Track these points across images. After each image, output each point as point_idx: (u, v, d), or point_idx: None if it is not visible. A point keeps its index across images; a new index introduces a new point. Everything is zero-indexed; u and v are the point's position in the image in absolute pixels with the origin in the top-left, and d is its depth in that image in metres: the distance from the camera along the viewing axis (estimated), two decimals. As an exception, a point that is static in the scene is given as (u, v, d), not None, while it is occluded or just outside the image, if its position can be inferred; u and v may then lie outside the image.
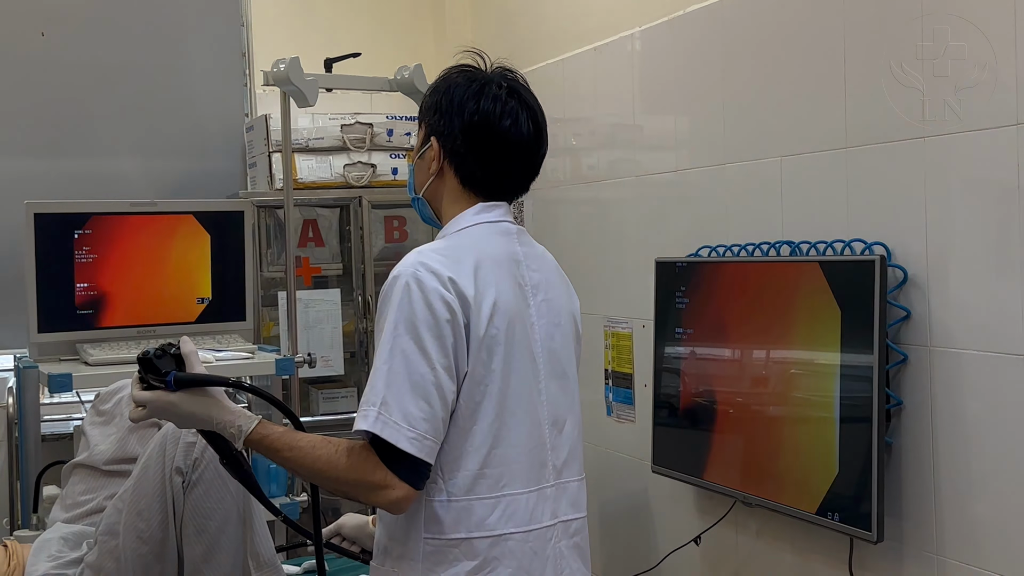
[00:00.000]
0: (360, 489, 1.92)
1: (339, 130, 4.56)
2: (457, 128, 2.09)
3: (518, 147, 2.11)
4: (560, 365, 2.13)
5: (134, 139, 4.57)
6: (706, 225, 3.35)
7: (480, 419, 1.98)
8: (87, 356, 3.14)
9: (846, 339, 2.69)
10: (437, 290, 1.94)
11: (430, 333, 1.92)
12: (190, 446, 2.32)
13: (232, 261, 3.46)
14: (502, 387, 2.00)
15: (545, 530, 2.05)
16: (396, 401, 1.89)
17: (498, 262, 2.06)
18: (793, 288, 2.86)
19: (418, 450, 1.89)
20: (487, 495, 1.99)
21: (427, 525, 1.98)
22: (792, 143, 2.99)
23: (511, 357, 2.01)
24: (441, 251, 2.01)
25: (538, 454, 2.06)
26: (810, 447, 2.80)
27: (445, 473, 1.98)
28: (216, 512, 2.32)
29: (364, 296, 4.57)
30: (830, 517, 2.75)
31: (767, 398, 2.96)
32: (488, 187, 2.13)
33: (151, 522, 2.31)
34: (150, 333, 3.34)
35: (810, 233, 2.92)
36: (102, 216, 3.29)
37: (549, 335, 2.11)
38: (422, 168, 2.18)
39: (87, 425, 2.73)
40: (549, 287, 2.15)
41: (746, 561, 3.24)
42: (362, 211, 4.57)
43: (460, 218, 2.11)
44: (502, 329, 2.00)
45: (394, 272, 1.98)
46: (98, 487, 2.62)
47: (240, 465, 2.13)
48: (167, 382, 2.01)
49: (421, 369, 1.90)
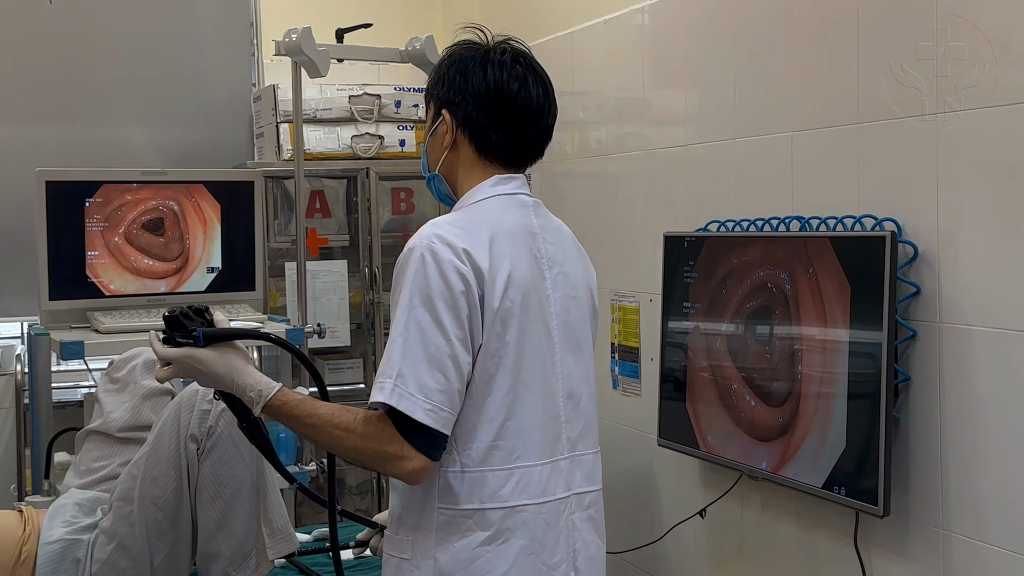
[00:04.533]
0: (376, 460, 1.94)
1: (347, 101, 4.56)
2: (468, 95, 2.09)
3: (529, 110, 2.12)
4: (576, 338, 2.14)
5: (141, 108, 4.58)
6: (715, 200, 3.35)
7: (494, 391, 1.99)
8: (98, 324, 3.15)
9: (855, 315, 2.70)
10: (452, 262, 1.94)
11: (445, 305, 1.92)
12: (204, 413, 2.33)
13: (242, 231, 3.46)
14: (516, 359, 2.01)
15: (558, 502, 2.07)
16: (412, 373, 1.90)
17: (513, 234, 2.06)
18: (803, 264, 2.87)
19: (434, 421, 1.90)
20: (500, 466, 2.00)
21: (441, 495, 2.00)
22: (803, 118, 2.99)
23: (526, 330, 2.02)
24: (456, 223, 2.02)
25: (552, 427, 2.07)
26: (817, 422, 2.81)
27: (459, 444, 1.99)
28: (230, 479, 2.34)
29: (371, 268, 4.58)
30: (836, 491, 2.76)
31: (774, 373, 2.96)
32: (504, 153, 2.13)
33: (166, 488, 2.33)
34: (160, 302, 3.35)
35: (820, 209, 2.92)
36: (113, 184, 3.29)
37: (565, 308, 2.12)
38: (435, 145, 2.18)
39: (101, 392, 2.74)
40: (565, 260, 2.16)
41: (751, 534, 3.26)
42: (369, 182, 4.58)
43: (476, 190, 2.12)
44: (517, 301, 2.01)
45: (409, 244, 1.99)
46: (112, 454, 2.64)
47: (258, 431, 2.14)
48: (195, 338, 2.01)
49: (436, 341, 1.91)
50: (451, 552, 1.99)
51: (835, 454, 2.76)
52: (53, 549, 2.38)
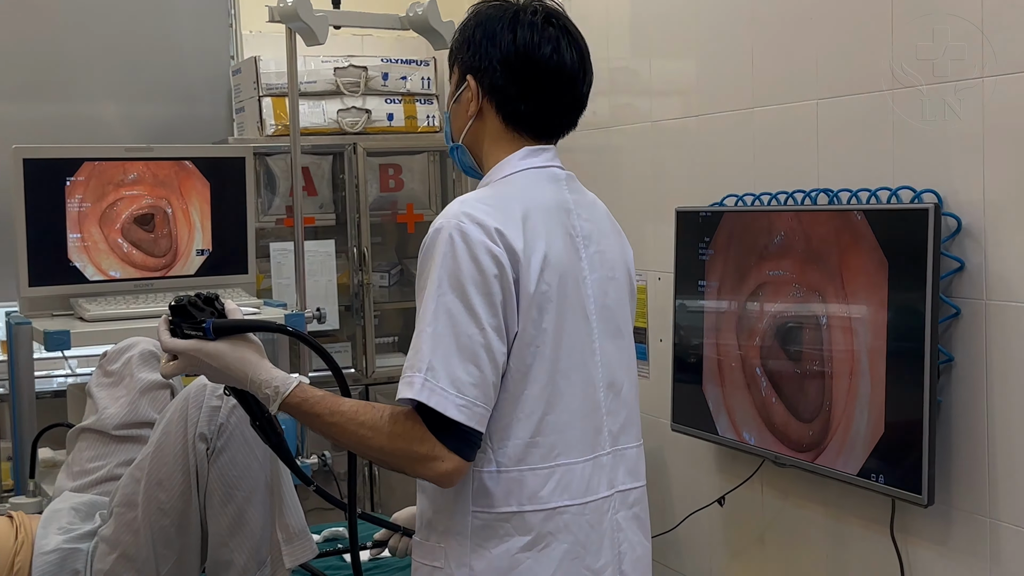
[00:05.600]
0: (405, 460, 1.77)
1: (332, 73, 4.38)
2: (495, 60, 1.92)
3: (562, 76, 1.94)
4: (615, 322, 1.97)
5: (114, 83, 4.39)
6: (731, 173, 3.20)
7: (531, 383, 1.83)
8: (83, 311, 2.95)
9: (894, 292, 2.56)
10: (483, 243, 1.77)
11: (477, 290, 1.76)
12: (214, 410, 2.15)
13: (232, 211, 3.27)
14: (554, 348, 1.84)
15: (602, 501, 1.91)
16: (443, 365, 1.73)
17: (548, 211, 1.90)
18: (834, 239, 2.72)
19: (468, 418, 1.74)
20: (540, 465, 1.84)
21: (475, 498, 1.84)
22: (830, 85, 2.84)
23: (563, 315, 1.86)
24: (486, 200, 1.85)
25: (593, 420, 1.91)
26: (851, 406, 2.68)
27: (494, 442, 1.83)
28: (243, 481, 2.15)
29: (359, 247, 4.40)
30: (874, 479, 2.62)
31: (801, 355, 2.82)
32: (534, 124, 1.96)
33: (172, 492, 2.14)
34: (147, 287, 3.15)
35: (850, 180, 2.77)
36: (95, 162, 3.09)
37: (603, 290, 1.95)
38: (459, 113, 2.00)
39: (94, 387, 2.55)
40: (602, 237, 1.99)
41: (773, 523, 3.13)
42: (356, 158, 4.40)
43: (504, 164, 1.94)
44: (553, 285, 1.84)
45: (435, 224, 1.81)
46: (108, 453, 2.45)
47: (272, 429, 1.97)
48: (204, 329, 1.84)
49: (469, 330, 1.75)
50: (488, 559, 1.83)
51: (872, 440, 2.62)
52: (49, 560, 2.19)
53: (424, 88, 4.52)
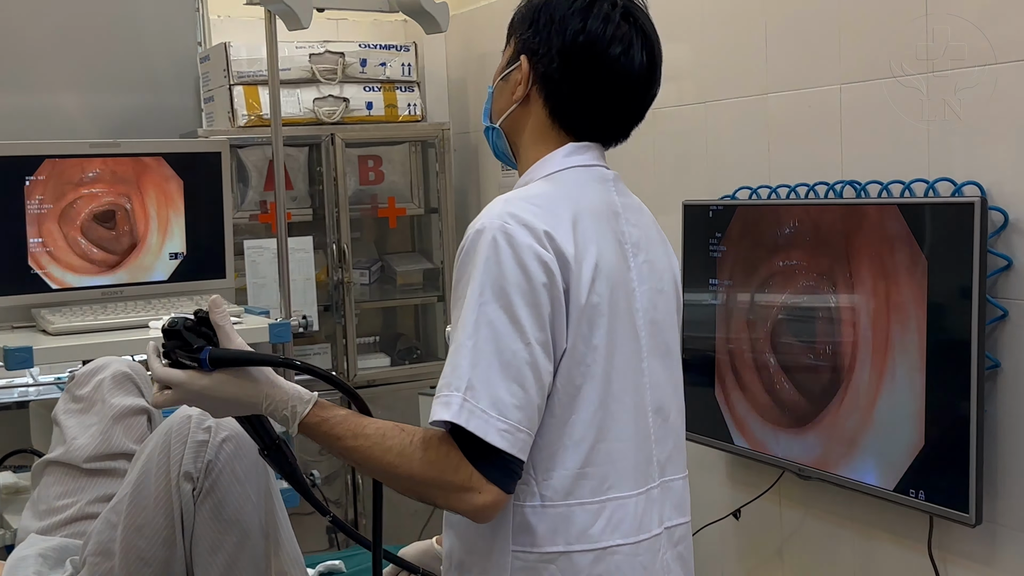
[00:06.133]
0: (437, 491, 1.56)
1: (307, 60, 4.12)
2: (555, 48, 1.70)
3: (626, 81, 1.72)
4: (663, 340, 1.76)
5: (72, 73, 4.10)
6: (744, 164, 2.99)
7: (581, 407, 1.62)
8: (46, 323, 2.69)
9: (933, 294, 2.36)
10: (531, 247, 1.56)
11: (523, 300, 1.55)
12: (200, 445, 1.90)
13: (208, 210, 3.01)
14: (606, 368, 1.63)
15: (653, 540, 1.70)
16: (484, 384, 1.52)
17: (597, 215, 1.68)
18: (864, 235, 2.52)
19: (510, 445, 1.53)
20: (590, 499, 1.63)
21: (516, 536, 1.63)
22: (855, 68, 2.63)
23: (615, 331, 1.65)
24: (532, 199, 1.63)
25: (644, 449, 1.70)
26: (886, 416, 2.48)
27: (538, 473, 1.62)
28: (234, 525, 1.91)
29: (339, 244, 4.16)
30: (912, 495, 2.43)
31: (829, 361, 2.62)
32: (581, 125, 1.75)
33: (154, 540, 1.89)
34: (116, 295, 2.89)
35: (879, 172, 2.57)
36: (57, 159, 2.82)
37: (652, 304, 1.74)
38: (504, 92, 1.79)
39: (61, 414, 2.30)
40: (650, 245, 1.78)
41: (792, 538, 2.93)
42: (334, 150, 4.15)
43: (548, 160, 1.73)
44: (605, 296, 1.63)
45: (476, 224, 1.60)
46: (77, 489, 2.20)
47: (283, 456, 1.75)
48: (200, 360, 1.61)
49: (513, 345, 1.54)
50: None
51: (910, 452, 2.42)
52: (16, 617, 1.95)
53: (405, 75, 4.27)
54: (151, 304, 2.85)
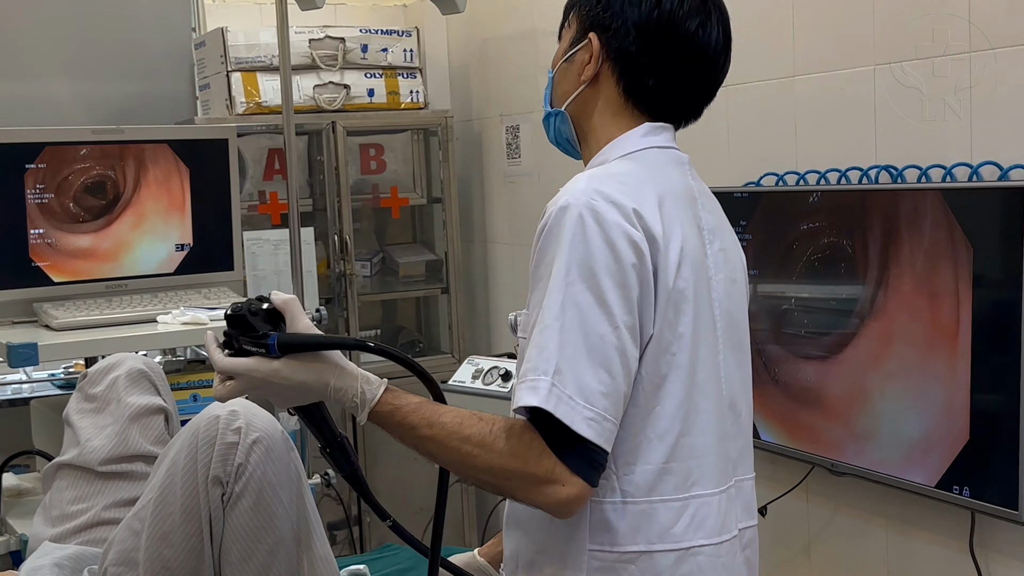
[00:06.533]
0: (518, 483, 1.46)
1: (307, 46, 4.01)
2: (630, 21, 1.62)
3: (703, 56, 1.65)
4: (737, 333, 1.68)
5: (63, 59, 3.98)
6: (769, 149, 2.89)
7: (666, 398, 1.53)
8: (49, 319, 2.57)
9: (979, 283, 2.27)
10: (620, 225, 1.48)
11: (612, 281, 1.46)
12: (230, 447, 1.79)
13: (215, 199, 2.89)
14: (691, 357, 1.55)
15: (733, 541, 1.62)
16: (571, 369, 1.43)
17: (678, 198, 1.60)
18: (902, 222, 2.43)
19: (596, 434, 1.44)
20: (673, 496, 1.54)
21: (594, 534, 1.54)
22: (891, 48, 2.53)
23: (699, 319, 1.56)
24: (617, 176, 1.55)
25: (723, 446, 1.62)
26: (924, 411, 2.39)
27: (619, 467, 1.53)
28: (266, 532, 1.80)
29: (340, 235, 4.05)
30: (956, 491, 2.34)
31: (864, 353, 2.53)
32: (658, 103, 1.66)
33: (181, 548, 1.78)
34: (121, 288, 2.77)
35: (917, 156, 2.48)
36: (59, 146, 2.70)
37: (727, 294, 1.65)
38: (569, 74, 1.70)
39: (73, 414, 2.18)
40: (724, 234, 1.70)
41: (821, 535, 2.84)
42: (335, 138, 4.04)
43: (622, 140, 1.65)
44: (690, 282, 1.55)
45: (559, 201, 1.51)
46: (92, 494, 2.09)
47: (344, 456, 1.64)
48: (268, 345, 1.50)
49: (600, 328, 1.45)
50: None
51: (954, 447, 2.33)
52: (31, 633, 1.84)
53: (407, 61, 4.16)
54: (157, 297, 2.73)
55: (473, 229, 4.45)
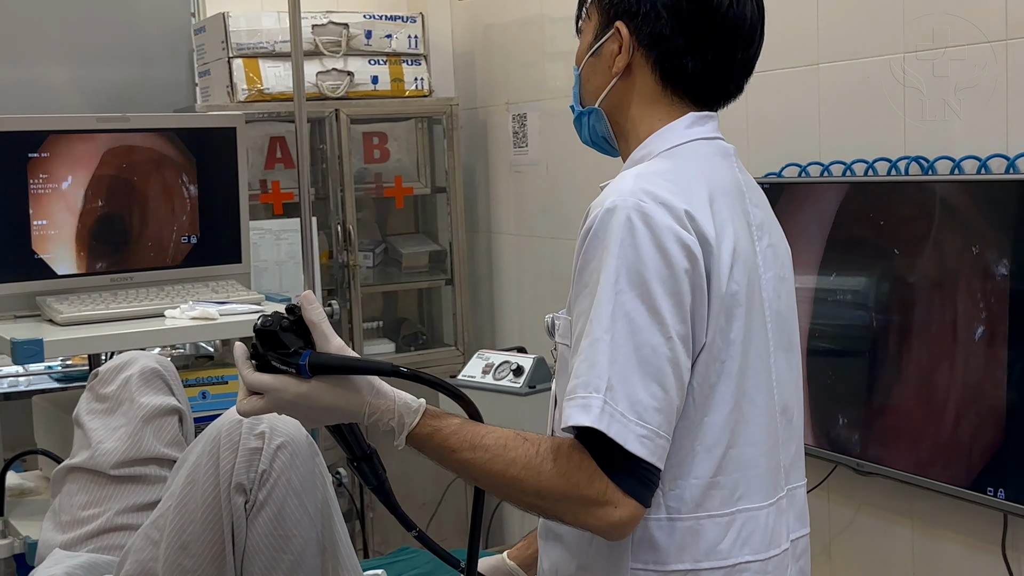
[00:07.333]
0: (568, 506, 1.38)
1: (310, 32, 3.92)
2: (660, 4, 1.53)
3: (739, 31, 1.55)
4: (787, 333, 1.59)
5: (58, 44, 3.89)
6: (792, 139, 2.82)
7: (715, 408, 1.45)
8: (53, 313, 2.48)
9: (1017, 277, 2.21)
10: (671, 228, 1.39)
11: (664, 288, 1.38)
12: (253, 453, 1.71)
13: (223, 190, 2.80)
14: (741, 364, 1.47)
15: (782, 556, 1.54)
16: (622, 385, 1.36)
17: (727, 193, 1.51)
18: (933, 214, 2.36)
19: (650, 452, 1.36)
20: (720, 511, 1.47)
21: (637, 551, 1.46)
22: (918, 36, 2.46)
23: (751, 323, 1.48)
24: (665, 174, 1.46)
25: (773, 454, 1.54)
26: (962, 409, 2.33)
27: (666, 482, 1.45)
28: (291, 541, 1.72)
29: (343, 224, 3.97)
30: (990, 493, 2.28)
31: (894, 349, 2.46)
32: (699, 86, 1.57)
33: (202, 559, 1.70)
34: (126, 281, 2.68)
35: (949, 148, 2.41)
36: (62, 135, 2.61)
37: (776, 293, 1.57)
38: (598, 69, 1.60)
39: (84, 415, 2.09)
40: (772, 228, 1.61)
41: (843, 535, 2.78)
42: (339, 126, 3.95)
43: (666, 133, 1.55)
44: (743, 285, 1.46)
45: (605, 202, 1.42)
46: (105, 498, 2.00)
47: (373, 469, 1.56)
48: (299, 365, 1.43)
49: (652, 339, 1.37)
50: None
51: (988, 448, 2.28)
52: (44, 647, 1.76)
53: (411, 48, 4.07)
54: (164, 291, 2.65)
55: (478, 219, 4.37)
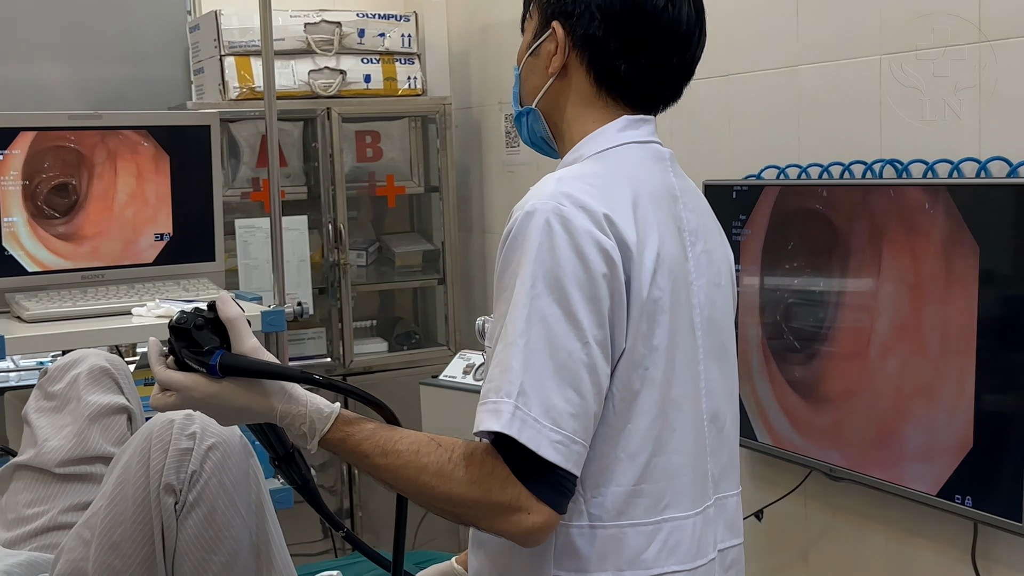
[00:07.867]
0: (481, 512, 1.38)
1: (302, 30, 3.92)
2: (594, 4, 1.52)
3: (674, 35, 1.54)
4: (720, 340, 1.58)
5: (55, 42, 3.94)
6: (771, 142, 2.80)
7: (637, 416, 1.43)
8: (20, 309, 2.49)
9: (985, 284, 2.17)
10: (590, 232, 1.38)
11: (581, 293, 1.36)
12: (184, 453, 1.70)
13: (196, 188, 2.80)
14: (666, 371, 1.45)
15: (709, 565, 1.52)
16: (536, 390, 1.34)
17: (656, 198, 1.50)
18: (906, 218, 2.33)
19: (564, 458, 1.35)
20: (644, 520, 1.45)
21: (559, 559, 1.45)
22: (896, 39, 2.43)
23: (676, 330, 1.46)
24: (587, 178, 1.45)
25: (701, 463, 1.52)
26: (931, 414, 2.29)
27: (587, 489, 1.44)
28: (221, 542, 1.71)
29: (335, 223, 3.96)
30: (958, 501, 2.25)
31: (867, 354, 2.43)
32: (633, 89, 1.56)
33: (131, 559, 1.70)
34: (97, 278, 2.69)
35: (923, 151, 2.38)
36: (34, 132, 2.61)
37: (709, 299, 1.55)
38: (535, 68, 1.61)
39: (31, 413, 2.09)
40: (708, 234, 1.60)
41: (819, 540, 2.75)
42: (331, 125, 3.95)
43: (599, 135, 1.54)
44: (667, 291, 1.45)
45: (525, 206, 1.41)
46: (49, 496, 2.00)
47: (295, 467, 1.57)
48: (210, 365, 1.42)
49: (569, 344, 1.36)
50: None
51: (956, 455, 2.24)
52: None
53: (404, 46, 4.06)
54: (135, 289, 2.65)
55: (471, 219, 4.35)
